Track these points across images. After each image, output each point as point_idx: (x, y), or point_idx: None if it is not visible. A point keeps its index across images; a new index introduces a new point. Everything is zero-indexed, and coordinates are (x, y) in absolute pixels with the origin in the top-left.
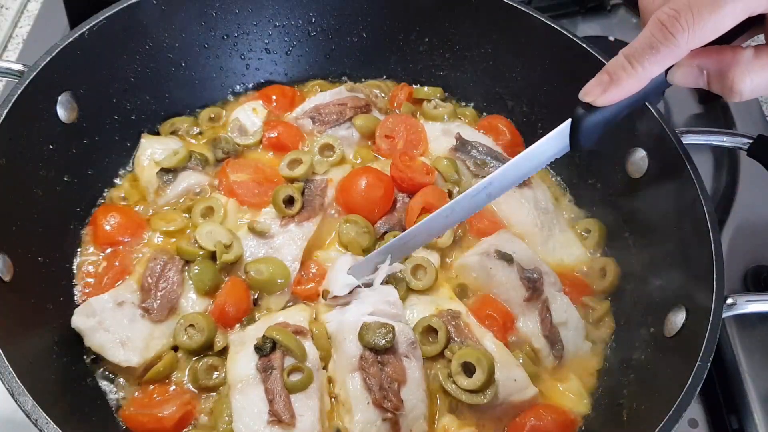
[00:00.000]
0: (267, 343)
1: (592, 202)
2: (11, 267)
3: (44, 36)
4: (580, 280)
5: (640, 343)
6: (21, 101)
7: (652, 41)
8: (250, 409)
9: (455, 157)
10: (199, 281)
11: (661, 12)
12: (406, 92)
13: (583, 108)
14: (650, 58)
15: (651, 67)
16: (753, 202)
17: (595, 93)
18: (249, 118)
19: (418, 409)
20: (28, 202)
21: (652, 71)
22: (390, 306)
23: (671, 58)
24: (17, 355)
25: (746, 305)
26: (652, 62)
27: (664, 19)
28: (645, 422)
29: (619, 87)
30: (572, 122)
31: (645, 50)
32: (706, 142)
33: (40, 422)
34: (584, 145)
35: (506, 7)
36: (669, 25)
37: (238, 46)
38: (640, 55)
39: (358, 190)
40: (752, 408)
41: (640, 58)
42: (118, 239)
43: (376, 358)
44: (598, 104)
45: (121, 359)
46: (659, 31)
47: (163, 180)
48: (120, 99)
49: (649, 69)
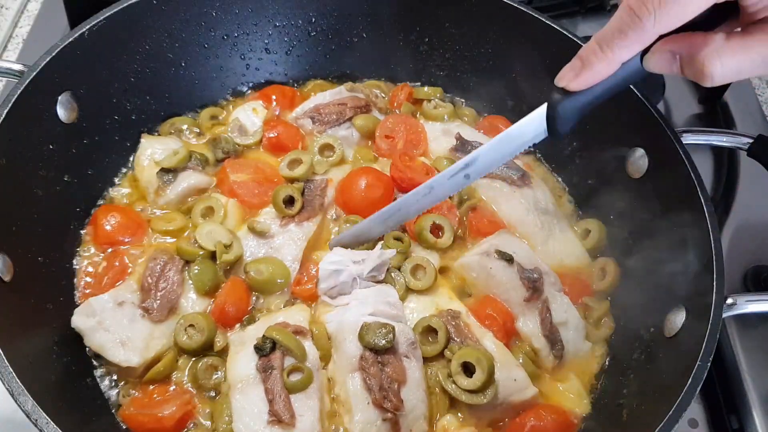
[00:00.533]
0: (267, 343)
1: (592, 202)
2: (11, 267)
3: (44, 36)
4: (580, 280)
5: (640, 343)
6: (21, 101)
7: (621, 25)
8: (250, 409)
9: (455, 157)
10: (199, 281)
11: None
12: (406, 92)
13: (559, 93)
14: (619, 42)
15: (620, 51)
16: (753, 202)
17: (568, 77)
18: (249, 118)
19: (418, 410)
20: (28, 202)
21: (622, 55)
22: (390, 306)
23: (639, 43)
24: (17, 355)
25: (746, 305)
26: (621, 46)
27: (632, 3)
28: (645, 422)
29: (590, 71)
30: (548, 107)
31: (614, 34)
32: (706, 142)
33: (40, 422)
34: (561, 130)
35: (506, 7)
36: (636, 9)
37: (238, 46)
38: (609, 40)
39: (358, 190)
40: (752, 408)
41: (609, 42)
42: (118, 239)
43: (376, 359)
44: (571, 88)
45: (121, 359)
46: (627, 15)
47: (163, 180)
48: (120, 99)
49: (619, 53)
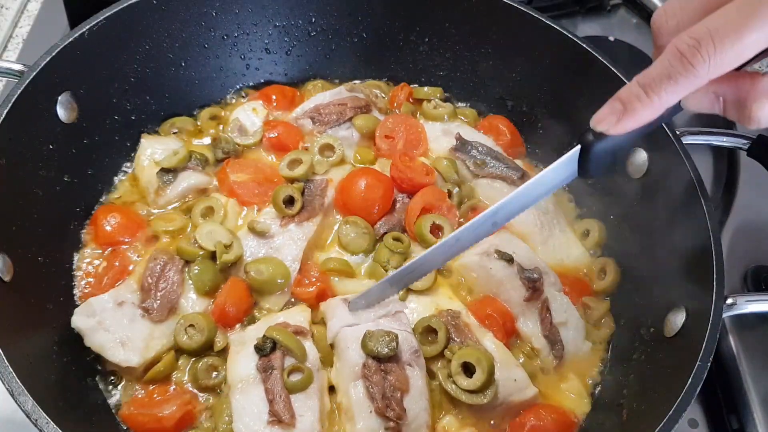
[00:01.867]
0: (267, 343)
1: (592, 202)
2: (11, 267)
3: (44, 36)
4: (580, 280)
5: (640, 343)
6: (21, 101)
7: (670, 71)
8: (250, 409)
9: (455, 157)
10: (199, 281)
11: (680, 41)
12: (406, 92)
13: (593, 135)
14: (667, 88)
15: (668, 97)
16: (753, 202)
17: (609, 122)
18: (249, 118)
19: (421, 418)
20: (28, 202)
21: (669, 101)
22: (393, 316)
23: (689, 88)
24: (17, 355)
25: (746, 305)
26: (669, 92)
27: (683, 49)
28: (645, 422)
29: (633, 117)
30: (582, 149)
31: (662, 80)
32: (705, 142)
33: (40, 422)
34: (593, 172)
35: (506, 7)
36: (689, 56)
37: (238, 46)
38: (657, 85)
39: (358, 191)
40: (752, 408)
41: (656, 88)
42: (118, 239)
43: (379, 367)
44: (611, 133)
45: (121, 359)
46: (678, 60)
47: (163, 180)
48: (120, 99)
49: (666, 99)
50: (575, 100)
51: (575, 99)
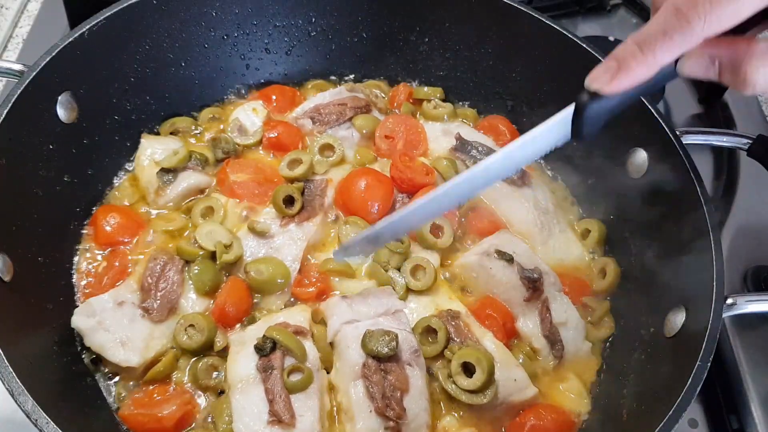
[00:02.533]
0: (267, 343)
1: (592, 202)
2: (11, 267)
3: (44, 36)
4: (580, 280)
5: (640, 343)
6: (21, 101)
7: (665, 27)
8: (250, 409)
9: (455, 157)
10: (199, 281)
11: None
12: (406, 92)
13: (588, 95)
14: (662, 45)
15: (663, 55)
16: (753, 202)
17: (603, 80)
18: (249, 118)
19: (421, 418)
20: (28, 202)
21: (664, 59)
22: (393, 315)
23: (684, 46)
24: (17, 355)
25: (746, 305)
26: (664, 50)
27: (679, 4)
28: (645, 422)
29: (628, 74)
30: (575, 109)
31: (657, 37)
32: (706, 142)
33: (40, 422)
34: (587, 134)
35: (506, 7)
36: (685, 11)
37: (238, 46)
38: (652, 42)
39: (358, 191)
40: (752, 408)
41: (651, 45)
42: (118, 239)
43: (379, 366)
44: (605, 92)
45: (121, 359)
46: (674, 16)
47: (163, 180)
48: (120, 99)
49: (661, 57)
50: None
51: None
